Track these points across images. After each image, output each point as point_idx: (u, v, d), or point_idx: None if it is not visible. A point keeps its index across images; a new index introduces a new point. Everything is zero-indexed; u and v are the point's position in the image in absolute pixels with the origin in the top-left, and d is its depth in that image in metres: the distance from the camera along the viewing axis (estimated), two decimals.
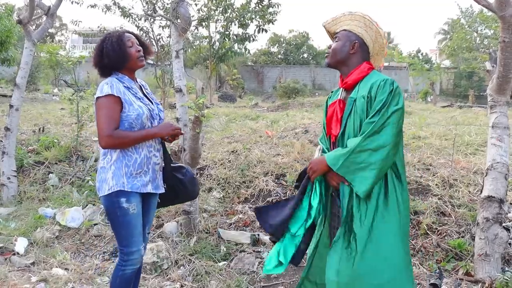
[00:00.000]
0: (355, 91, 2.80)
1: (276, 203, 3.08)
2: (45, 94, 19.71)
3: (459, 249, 4.54)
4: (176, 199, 3.46)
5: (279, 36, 39.30)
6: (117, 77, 3.05)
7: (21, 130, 8.71)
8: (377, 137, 2.60)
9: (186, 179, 3.32)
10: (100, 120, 2.90)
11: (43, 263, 4.48)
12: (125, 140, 2.94)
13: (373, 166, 2.61)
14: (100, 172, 3.03)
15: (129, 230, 3.02)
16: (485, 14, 22.62)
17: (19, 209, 5.99)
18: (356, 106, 2.74)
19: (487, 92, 4.34)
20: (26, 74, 6.76)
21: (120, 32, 3.10)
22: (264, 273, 2.92)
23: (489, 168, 4.14)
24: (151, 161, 3.09)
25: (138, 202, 3.03)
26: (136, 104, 2.99)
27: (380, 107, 2.62)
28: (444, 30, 46.08)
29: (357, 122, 2.73)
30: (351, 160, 2.64)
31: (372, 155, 2.60)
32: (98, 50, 3.04)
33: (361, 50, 2.85)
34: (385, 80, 2.68)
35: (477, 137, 7.85)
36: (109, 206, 3.00)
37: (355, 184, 2.64)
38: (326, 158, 2.74)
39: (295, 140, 7.95)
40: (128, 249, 3.05)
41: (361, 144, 2.61)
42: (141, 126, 3.00)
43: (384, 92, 2.65)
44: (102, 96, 2.90)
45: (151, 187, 3.09)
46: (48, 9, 6.83)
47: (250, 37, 18.16)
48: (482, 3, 3.87)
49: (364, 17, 2.85)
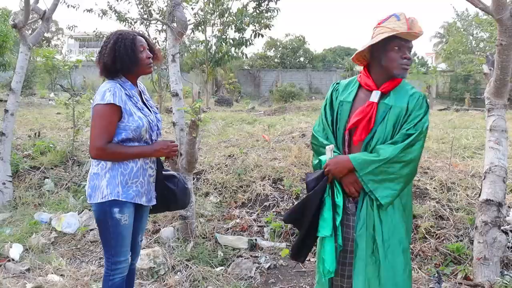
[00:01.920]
0: (390, 98, 2.73)
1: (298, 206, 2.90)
2: (41, 98, 19.63)
3: (458, 253, 4.53)
4: (166, 208, 3.40)
5: (276, 40, 39.36)
6: (120, 82, 2.93)
7: (16, 135, 8.66)
8: (411, 150, 2.64)
9: (177, 189, 3.22)
10: (95, 129, 2.81)
11: (38, 270, 4.44)
12: (116, 156, 2.86)
13: (402, 179, 2.64)
14: (93, 178, 2.93)
15: (119, 241, 2.95)
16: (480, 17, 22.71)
17: (14, 214, 5.95)
18: (391, 113, 2.70)
19: (484, 95, 4.33)
20: (21, 78, 6.73)
21: (133, 34, 2.97)
22: (327, 277, 2.81)
23: (487, 171, 4.13)
24: (147, 173, 3.01)
25: (131, 213, 2.96)
26: (136, 116, 2.89)
27: (418, 122, 2.65)
28: (440, 34, 46.16)
29: (389, 129, 2.70)
30: (382, 169, 2.62)
31: (404, 167, 2.63)
32: (110, 51, 2.87)
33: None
34: (423, 97, 2.73)
35: (474, 140, 7.86)
36: (101, 215, 2.92)
37: (379, 193, 2.62)
38: (351, 159, 2.66)
39: (292, 144, 7.92)
40: (116, 259, 2.98)
41: (398, 155, 2.61)
42: (138, 137, 2.92)
43: (422, 107, 2.70)
44: (102, 104, 2.79)
45: (144, 199, 3.02)
46: (43, 13, 6.81)
47: (247, 41, 18.16)
48: (479, 6, 3.87)
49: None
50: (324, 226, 2.75)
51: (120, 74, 2.95)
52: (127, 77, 2.98)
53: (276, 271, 4.52)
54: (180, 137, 4.91)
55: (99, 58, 2.94)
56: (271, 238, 5.17)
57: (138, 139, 2.93)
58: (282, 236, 5.18)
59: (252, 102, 24.71)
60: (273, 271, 4.51)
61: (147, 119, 2.97)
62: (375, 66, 2.79)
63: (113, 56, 2.87)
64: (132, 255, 3.16)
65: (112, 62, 2.87)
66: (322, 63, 40.68)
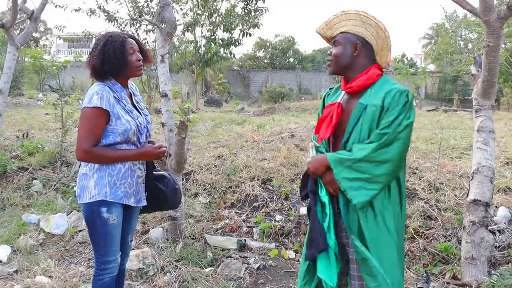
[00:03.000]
0: (366, 97, 2.66)
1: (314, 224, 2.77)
2: (29, 99, 19.50)
3: (446, 253, 4.56)
4: (157, 208, 3.41)
5: (265, 41, 39.42)
6: (109, 84, 2.92)
7: (4, 136, 8.60)
8: (387, 150, 2.52)
9: (168, 190, 3.23)
10: (81, 132, 2.82)
11: (26, 271, 4.41)
12: (102, 159, 2.86)
13: (376, 179, 2.54)
14: (81, 178, 2.95)
15: (108, 240, 2.95)
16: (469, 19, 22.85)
17: (2, 216, 5.90)
18: (367, 113, 2.61)
19: (472, 96, 4.36)
20: (9, 79, 6.68)
21: (123, 36, 2.95)
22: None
23: (475, 171, 4.16)
24: (135, 174, 3.01)
25: (119, 213, 2.96)
26: (124, 119, 2.88)
27: (393, 119, 2.53)
28: (429, 35, 46.44)
29: (365, 130, 2.61)
30: (355, 168, 2.55)
31: (377, 167, 2.53)
32: (99, 53, 2.87)
33: (365, 50, 2.68)
34: (401, 92, 2.58)
35: (462, 140, 7.91)
36: (89, 215, 2.93)
37: (351, 193, 2.55)
38: (328, 158, 2.63)
39: (282, 144, 7.94)
40: (105, 259, 2.99)
41: (371, 155, 2.51)
42: (126, 140, 2.91)
43: (399, 104, 2.55)
44: (89, 107, 2.79)
45: (133, 200, 3.02)
46: (31, 13, 6.76)
47: (236, 41, 18.16)
48: (467, 7, 3.90)
49: (359, 14, 2.68)
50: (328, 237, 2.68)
51: (110, 76, 2.94)
52: (116, 79, 2.97)
53: (265, 271, 4.53)
54: (169, 138, 4.90)
55: (89, 60, 2.93)
56: (260, 239, 5.17)
57: (126, 141, 2.93)
58: (271, 237, 5.19)
59: (242, 102, 24.73)
60: (263, 272, 4.51)
61: (136, 122, 2.96)
62: None
63: (102, 59, 2.86)
64: (122, 255, 3.15)
65: (100, 64, 2.87)
66: (311, 63, 40.79)
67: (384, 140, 2.51)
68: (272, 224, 5.33)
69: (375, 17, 2.68)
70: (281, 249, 4.95)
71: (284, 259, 4.76)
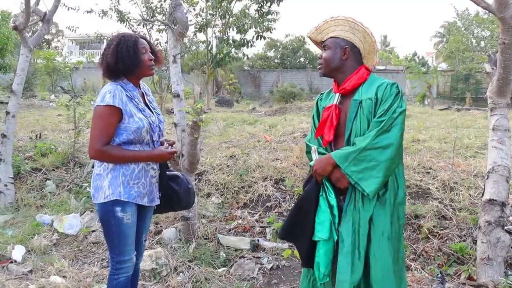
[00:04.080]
0: (359, 94, 2.82)
1: (290, 219, 2.99)
2: (42, 100, 19.60)
3: (461, 253, 4.51)
4: (170, 208, 3.42)
5: (276, 41, 39.29)
6: (122, 84, 2.96)
7: (18, 137, 8.66)
8: (387, 135, 2.65)
9: (181, 189, 3.25)
10: (94, 130, 2.85)
11: (40, 271, 4.43)
12: (115, 158, 2.89)
13: (382, 165, 2.64)
14: (96, 179, 2.98)
15: (123, 239, 2.97)
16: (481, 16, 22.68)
17: (16, 216, 5.94)
18: (363, 107, 2.77)
19: (487, 94, 4.31)
20: (22, 80, 6.73)
21: (135, 36, 3.01)
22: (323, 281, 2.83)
23: (490, 171, 4.11)
24: (148, 174, 3.03)
25: (134, 212, 2.98)
26: (137, 117, 2.92)
27: (388, 107, 2.68)
28: (440, 33, 46.19)
29: (364, 123, 2.76)
30: (361, 158, 2.66)
31: (382, 153, 2.64)
32: (113, 52, 2.91)
33: (353, 53, 2.88)
34: (391, 84, 2.78)
35: (476, 139, 7.83)
36: (104, 215, 2.96)
37: (363, 183, 2.65)
38: (333, 156, 2.74)
39: (294, 144, 7.92)
40: (120, 258, 3.01)
41: (372, 142, 2.64)
42: (139, 138, 2.94)
43: (392, 94, 2.73)
44: (102, 105, 2.83)
45: (147, 200, 3.04)
46: (44, 15, 6.80)
47: (248, 42, 18.15)
48: (481, 4, 3.85)
49: (347, 20, 2.88)
50: (320, 229, 2.78)
51: (122, 76, 2.98)
52: (129, 79, 3.00)
53: (278, 271, 4.51)
54: (181, 138, 4.90)
55: (102, 60, 2.97)
56: (273, 239, 5.15)
57: (140, 140, 2.96)
58: None
59: (253, 102, 24.69)
60: (276, 272, 4.50)
61: (148, 120, 2.99)
62: None
63: (116, 58, 2.90)
64: (136, 255, 3.17)
65: (114, 63, 2.90)
66: None
67: (383, 126, 2.66)
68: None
69: (362, 23, 2.90)
70: (294, 249, 4.92)
71: (297, 259, 4.74)
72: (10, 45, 16.09)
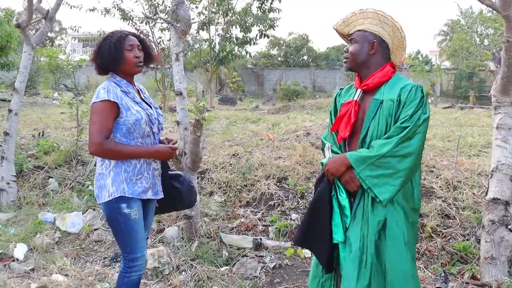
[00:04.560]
0: (380, 93, 2.71)
1: (305, 223, 2.87)
2: (45, 98, 19.67)
3: (464, 252, 4.49)
4: (172, 207, 3.41)
5: (279, 39, 39.27)
6: (115, 80, 2.99)
7: (20, 135, 8.67)
8: (409, 143, 2.55)
9: (183, 188, 3.25)
10: (93, 126, 2.86)
11: (42, 269, 4.42)
12: (115, 153, 2.90)
13: (400, 173, 2.56)
14: (98, 178, 2.98)
15: (133, 235, 2.96)
16: (484, 15, 22.61)
17: (19, 214, 5.94)
18: (383, 108, 2.66)
19: (491, 93, 4.28)
20: (25, 78, 6.72)
21: (122, 34, 3.01)
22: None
23: (494, 169, 4.09)
24: (151, 167, 3.04)
25: (139, 207, 2.97)
26: (134, 109, 2.93)
27: (412, 113, 2.57)
28: (444, 31, 46.06)
29: (382, 124, 2.65)
30: (378, 164, 2.56)
31: (401, 162, 2.55)
32: (97, 47, 2.99)
33: (381, 48, 2.75)
34: (416, 86, 2.65)
35: (480, 138, 7.80)
36: (110, 213, 2.94)
37: (378, 190, 2.56)
38: (348, 157, 2.63)
39: (297, 143, 7.90)
40: (133, 255, 2.99)
41: (394, 150, 2.54)
42: (140, 131, 2.94)
43: (416, 98, 2.61)
44: (97, 102, 2.86)
45: (151, 193, 3.04)
46: (46, 13, 6.79)
47: (251, 40, 18.13)
48: (486, 2, 3.83)
49: (377, 13, 2.75)
50: (336, 231, 2.72)
51: (107, 71, 3.03)
52: (120, 76, 3.03)
53: (281, 270, 4.49)
54: (184, 136, 4.88)
55: (92, 55, 3.05)
56: (276, 238, 5.14)
57: (140, 133, 2.96)
58: (287, 236, 5.16)
59: (256, 100, 24.70)
60: (279, 271, 4.48)
61: (146, 112, 3.01)
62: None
63: (96, 53, 2.99)
64: None
65: (94, 57, 2.99)
66: (325, 61, 40.58)
67: (405, 134, 2.54)
68: (288, 223, 5.30)
69: (392, 17, 2.75)
70: (297, 248, 4.91)
71: (300, 258, 4.73)
72: (13, 42, 16.10)
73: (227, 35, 18.38)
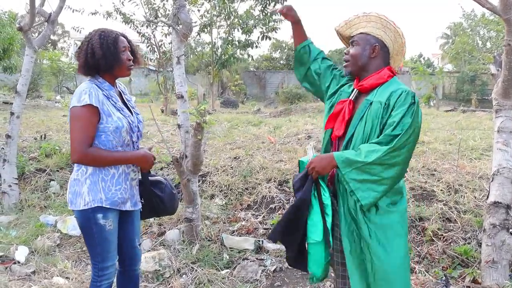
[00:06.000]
0: (373, 95, 2.70)
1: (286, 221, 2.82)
2: (47, 101, 19.70)
3: (466, 256, 4.48)
4: (154, 214, 3.35)
5: (281, 42, 39.27)
6: (97, 82, 2.84)
7: (22, 137, 8.68)
8: (398, 153, 2.53)
9: (165, 195, 3.15)
10: (75, 133, 2.72)
11: (43, 272, 4.43)
12: (98, 161, 2.77)
13: (384, 181, 2.55)
14: (73, 184, 2.84)
15: (105, 246, 2.87)
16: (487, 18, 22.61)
17: (20, 217, 5.95)
18: (371, 109, 2.66)
19: (492, 96, 4.28)
20: (27, 81, 6.74)
21: (116, 33, 2.88)
22: (314, 283, 2.85)
23: (495, 173, 4.08)
24: (129, 177, 2.93)
25: (115, 217, 2.88)
26: (115, 116, 2.80)
27: (401, 119, 2.54)
28: (446, 34, 46.07)
29: (368, 125, 2.65)
30: (364, 170, 2.54)
31: (387, 170, 2.54)
32: (94, 47, 2.78)
33: (382, 53, 2.75)
34: (407, 92, 2.62)
35: (481, 141, 7.78)
36: (84, 222, 2.83)
37: (360, 194, 2.55)
38: (335, 158, 2.60)
39: (298, 146, 7.91)
40: (103, 265, 2.91)
41: (383, 158, 2.51)
42: (119, 139, 2.82)
43: (405, 104, 2.57)
44: (79, 106, 2.70)
45: (129, 205, 2.94)
46: (48, 16, 6.80)
47: (253, 43, 18.13)
48: (486, 6, 3.83)
49: (380, 17, 2.75)
50: (313, 231, 2.70)
51: (98, 74, 2.86)
52: (104, 78, 2.88)
53: (282, 274, 4.50)
54: (185, 139, 4.89)
55: (79, 53, 2.85)
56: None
57: (121, 143, 2.85)
58: None
59: (258, 103, 24.71)
60: (279, 274, 4.49)
61: (127, 119, 2.88)
62: None
63: (95, 52, 2.79)
64: (132, 261, 3.14)
65: (94, 57, 2.79)
66: None
67: (395, 143, 2.51)
68: None
69: (394, 22, 2.76)
70: None
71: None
72: (16, 45, 16.16)
73: (229, 38, 18.39)
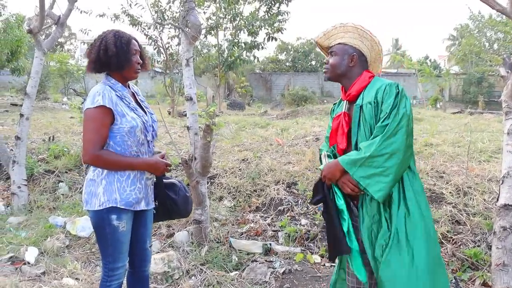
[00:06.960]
0: (360, 99, 2.80)
1: (331, 229, 2.89)
2: (54, 102, 19.75)
3: (475, 259, 4.46)
4: (168, 217, 3.37)
5: (287, 44, 39.29)
6: (110, 83, 2.87)
7: (31, 139, 8.72)
8: (393, 140, 2.59)
9: (179, 198, 3.17)
10: (88, 134, 2.75)
11: (53, 273, 4.45)
12: (110, 164, 2.79)
13: (390, 170, 2.60)
14: (89, 184, 2.87)
15: (117, 247, 2.89)
16: (494, 19, 22.52)
17: (30, 218, 5.98)
18: (364, 113, 2.74)
19: (501, 98, 4.26)
20: (36, 83, 6.77)
21: (130, 35, 2.92)
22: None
23: (505, 175, 4.05)
24: (144, 177, 2.94)
25: (129, 219, 2.90)
26: (129, 116, 2.83)
27: (390, 110, 2.62)
28: (453, 36, 45.96)
29: (366, 128, 2.72)
30: (368, 165, 2.62)
31: (389, 159, 2.59)
32: (111, 43, 2.81)
33: (360, 61, 2.87)
34: (390, 84, 2.71)
35: (490, 144, 7.75)
36: (98, 222, 2.85)
37: (371, 189, 2.62)
38: (340, 162, 2.71)
39: (306, 148, 7.90)
40: (113, 265, 2.92)
41: (378, 149, 2.59)
42: (134, 139, 2.85)
43: (391, 95, 2.67)
44: (92, 108, 2.73)
45: (144, 204, 2.96)
46: (58, 18, 6.85)
47: (259, 45, 18.15)
48: (496, 7, 3.82)
49: (357, 28, 2.87)
50: (352, 240, 2.79)
51: (107, 73, 2.90)
52: (116, 79, 2.91)
53: (291, 276, 4.49)
54: (194, 141, 4.90)
55: (91, 50, 2.87)
56: (286, 243, 5.14)
57: (136, 142, 2.88)
58: (297, 241, 5.16)
59: (264, 105, 24.73)
60: (288, 276, 4.48)
61: (141, 119, 2.90)
62: None
63: (109, 49, 2.82)
64: (142, 263, 3.14)
65: (106, 54, 2.81)
66: None
67: (387, 131, 2.60)
68: (297, 228, 5.30)
69: (370, 32, 2.91)
70: (307, 253, 4.91)
71: (309, 264, 4.73)
72: (23, 47, 16.24)
73: (235, 40, 18.41)
